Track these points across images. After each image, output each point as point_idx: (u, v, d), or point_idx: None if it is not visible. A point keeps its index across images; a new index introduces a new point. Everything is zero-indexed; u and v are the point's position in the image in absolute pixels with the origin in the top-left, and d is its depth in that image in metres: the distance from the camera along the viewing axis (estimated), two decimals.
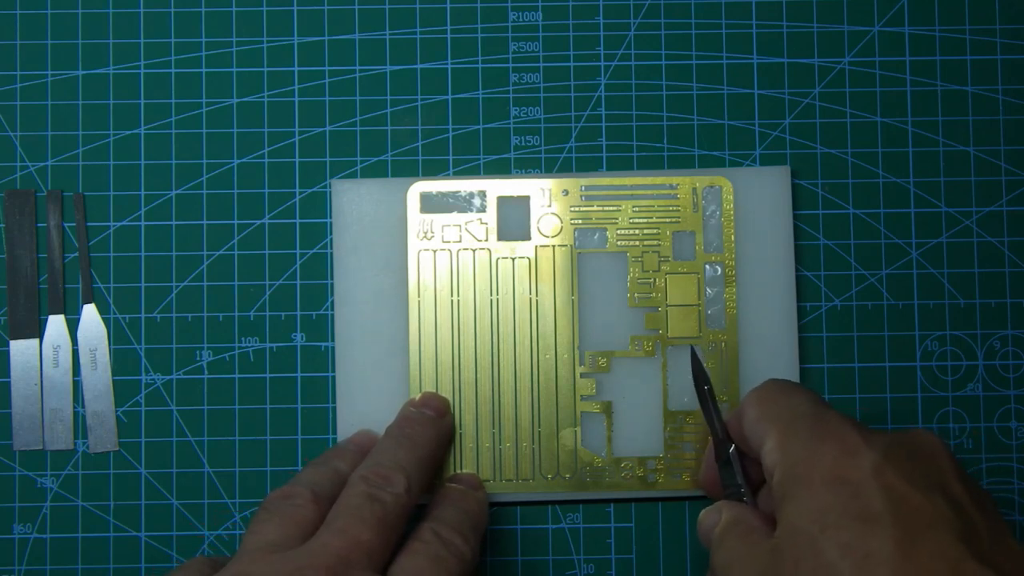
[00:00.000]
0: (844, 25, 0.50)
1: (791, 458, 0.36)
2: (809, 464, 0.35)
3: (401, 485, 0.40)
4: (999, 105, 0.50)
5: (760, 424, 0.39)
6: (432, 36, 0.50)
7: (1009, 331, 0.49)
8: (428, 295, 0.48)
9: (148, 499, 0.48)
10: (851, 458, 0.34)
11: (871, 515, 0.32)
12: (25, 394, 0.48)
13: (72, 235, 0.49)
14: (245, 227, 0.49)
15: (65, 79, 0.49)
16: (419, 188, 0.48)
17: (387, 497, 0.39)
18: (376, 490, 0.39)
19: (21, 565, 0.48)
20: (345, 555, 0.36)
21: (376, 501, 0.39)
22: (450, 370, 0.47)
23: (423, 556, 0.39)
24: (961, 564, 0.31)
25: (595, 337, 0.48)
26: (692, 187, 0.48)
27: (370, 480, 0.40)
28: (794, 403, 0.39)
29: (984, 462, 0.49)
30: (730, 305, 0.48)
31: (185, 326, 0.49)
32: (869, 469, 0.34)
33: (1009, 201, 0.50)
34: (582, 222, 0.48)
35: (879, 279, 0.49)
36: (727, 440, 0.43)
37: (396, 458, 0.42)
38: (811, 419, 0.37)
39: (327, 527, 0.37)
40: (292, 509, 0.39)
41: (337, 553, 0.36)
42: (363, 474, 0.40)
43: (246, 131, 0.49)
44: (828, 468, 0.34)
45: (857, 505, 0.33)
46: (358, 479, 0.40)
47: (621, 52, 0.50)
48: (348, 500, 0.39)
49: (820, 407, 0.38)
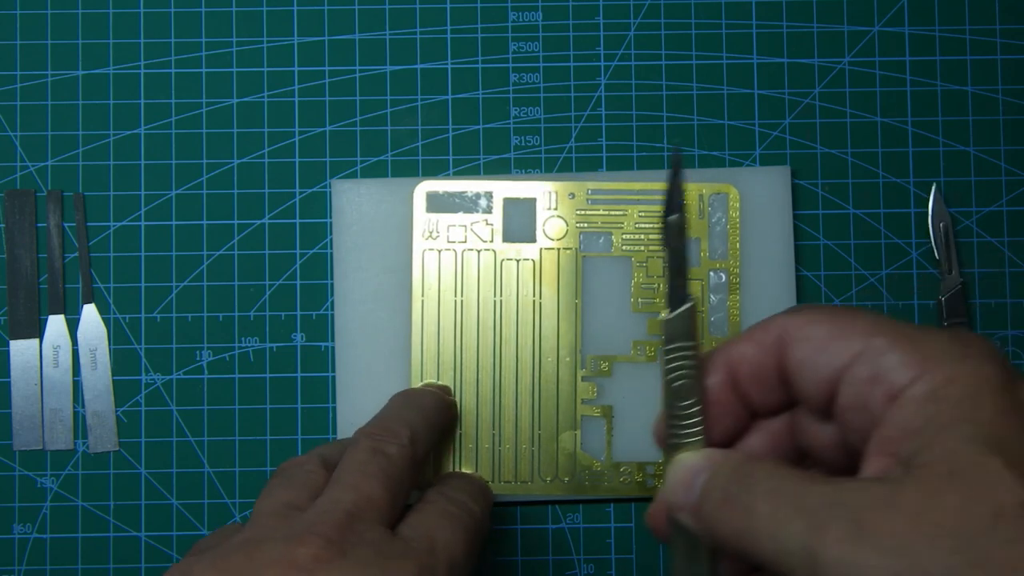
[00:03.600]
0: (844, 25, 0.50)
1: (942, 373, 0.28)
2: (973, 383, 0.28)
3: (405, 437, 0.39)
4: (999, 105, 0.50)
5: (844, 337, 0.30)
6: (432, 36, 0.50)
7: (1009, 331, 0.49)
8: (432, 295, 0.48)
9: (148, 499, 0.48)
10: (1019, 386, 0.28)
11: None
12: (25, 394, 0.48)
13: (72, 235, 0.49)
14: (245, 227, 0.49)
15: (65, 79, 0.49)
16: (425, 188, 0.48)
17: (392, 450, 0.38)
18: (380, 443, 0.38)
19: (21, 565, 0.48)
20: (354, 509, 0.35)
21: (380, 454, 0.38)
22: (451, 370, 0.47)
23: (432, 513, 0.38)
24: None
25: (597, 341, 0.48)
26: (699, 194, 0.48)
27: (374, 435, 0.39)
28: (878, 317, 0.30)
29: None
30: (733, 312, 0.48)
31: (185, 326, 0.49)
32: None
33: (1009, 201, 0.50)
34: (587, 225, 0.48)
35: (879, 279, 0.49)
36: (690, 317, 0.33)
37: (400, 415, 0.41)
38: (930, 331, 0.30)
39: (334, 483, 0.37)
40: (303, 473, 0.38)
41: (346, 508, 0.35)
42: (366, 431, 0.40)
43: (246, 131, 0.49)
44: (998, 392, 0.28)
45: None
46: (361, 436, 0.39)
47: (621, 52, 0.50)
48: (353, 456, 0.38)
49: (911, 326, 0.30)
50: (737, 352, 0.32)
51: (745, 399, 0.33)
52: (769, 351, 0.32)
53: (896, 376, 0.29)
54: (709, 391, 0.33)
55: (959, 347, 0.29)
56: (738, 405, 0.33)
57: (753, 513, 0.28)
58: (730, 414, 0.33)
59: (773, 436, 0.33)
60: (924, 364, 0.28)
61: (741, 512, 0.29)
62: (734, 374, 0.33)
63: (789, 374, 0.32)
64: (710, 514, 0.30)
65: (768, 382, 0.32)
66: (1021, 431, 0.27)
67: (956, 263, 0.49)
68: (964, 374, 0.28)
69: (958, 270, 0.49)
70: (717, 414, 0.33)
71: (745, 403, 0.33)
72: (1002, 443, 0.27)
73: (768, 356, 0.32)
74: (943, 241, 0.49)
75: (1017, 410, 0.28)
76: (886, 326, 0.30)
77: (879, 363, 0.29)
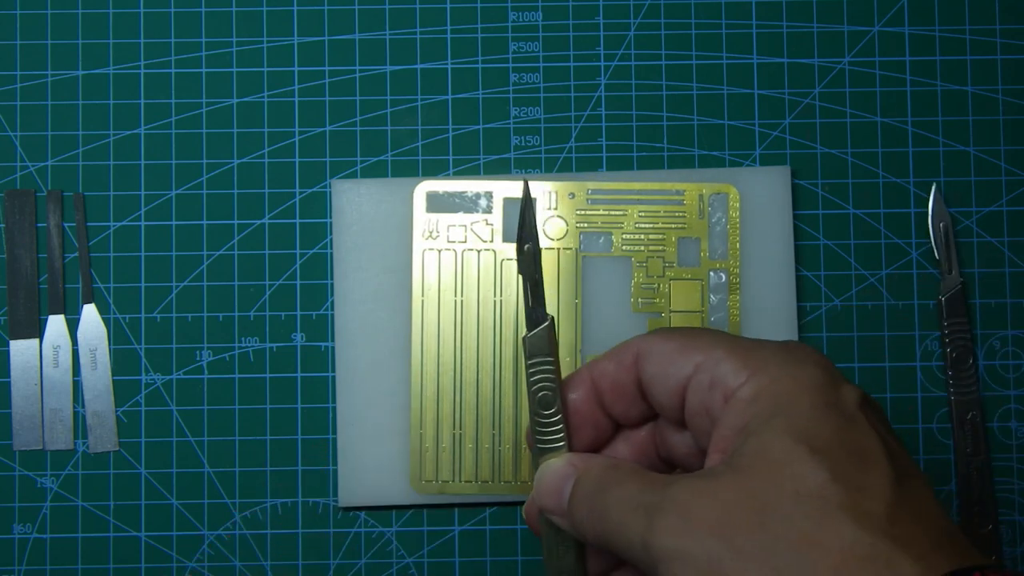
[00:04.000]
0: (844, 25, 0.50)
1: (766, 376, 0.32)
2: (792, 384, 0.31)
3: None
4: (999, 105, 0.50)
5: (689, 351, 0.34)
6: (432, 36, 0.50)
7: (1009, 331, 0.49)
8: (432, 295, 0.48)
9: (148, 499, 0.48)
10: (837, 387, 0.32)
11: (865, 450, 0.30)
12: (25, 394, 0.48)
13: (72, 235, 0.49)
14: (245, 227, 0.49)
15: (65, 79, 0.49)
16: (425, 187, 0.48)
17: None
18: None
19: (21, 565, 0.48)
20: None
21: None
22: (451, 370, 0.47)
23: None
24: (940, 516, 0.30)
25: (597, 341, 0.48)
26: (699, 194, 0.48)
27: None
28: (719, 334, 0.34)
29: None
30: (733, 312, 0.48)
31: (185, 326, 0.49)
32: (855, 403, 0.32)
33: (1009, 201, 0.50)
34: (588, 226, 0.48)
35: (879, 279, 0.49)
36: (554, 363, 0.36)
37: None
38: (762, 343, 0.34)
39: None
40: None
41: None
42: None
43: (246, 131, 0.49)
44: (816, 392, 0.31)
45: (850, 437, 0.31)
46: None
47: (621, 52, 0.50)
48: None
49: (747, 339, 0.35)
50: (599, 369, 0.36)
51: (608, 411, 0.36)
52: (628, 368, 0.35)
53: (730, 381, 0.32)
54: (572, 403, 0.36)
55: (784, 354, 0.33)
56: (601, 416, 0.36)
57: (607, 517, 0.32)
58: (592, 424, 0.36)
59: (637, 445, 0.37)
60: (753, 369, 0.32)
61: (599, 516, 0.32)
62: (597, 389, 0.36)
63: (644, 386, 0.35)
64: (578, 520, 0.34)
65: (628, 395, 0.35)
66: (828, 423, 0.30)
67: (956, 263, 0.49)
68: (784, 376, 0.32)
69: (958, 270, 0.49)
70: (579, 423, 0.36)
71: (608, 415, 0.36)
72: (810, 434, 0.30)
73: (626, 372, 0.35)
74: (943, 241, 0.49)
75: (830, 406, 0.31)
76: (725, 340, 0.34)
77: (716, 371, 0.33)
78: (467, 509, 0.48)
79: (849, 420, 0.31)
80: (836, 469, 0.29)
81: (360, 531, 0.48)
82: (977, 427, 0.48)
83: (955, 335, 0.49)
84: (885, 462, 0.30)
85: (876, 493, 0.29)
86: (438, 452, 0.47)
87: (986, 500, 0.48)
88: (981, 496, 0.48)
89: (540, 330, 0.36)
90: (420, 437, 0.47)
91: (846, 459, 0.30)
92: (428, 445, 0.47)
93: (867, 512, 0.29)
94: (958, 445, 0.48)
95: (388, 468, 0.48)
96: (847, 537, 0.28)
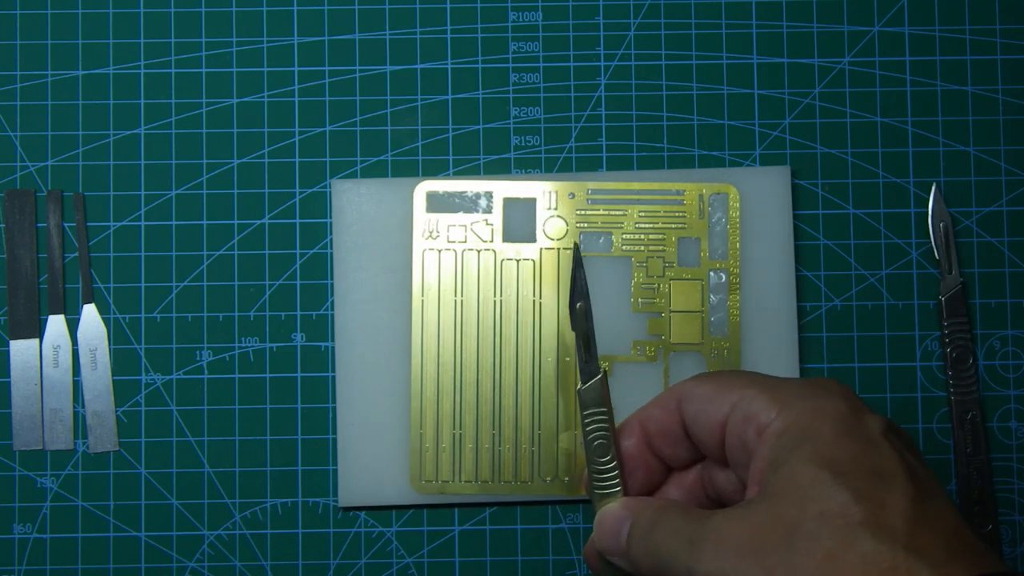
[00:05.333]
0: (844, 25, 0.50)
1: (794, 410, 0.35)
2: (818, 415, 0.34)
3: None
4: (999, 105, 0.50)
5: (725, 391, 0.37)
6: (432, 36, 0.50)
7: (1009, 331, 0.49)
8: (432, 295, 0.48)
9: (148, 499, 0.48)
10: (860, 416, 0.34)
11: (886, 471, 0.33)
12: (25, 394, 0.48)
13: (72, 235, 0.49)
14: (245, 227, 0.49)
15: (65, 79, 0.49)
16: (425, 187, 0.48)
17: None
18: None
19: (21, 565, 0.48)
20: None
21: None
22: (451, 370, 0.47)
23: None
24: (961, 529, 0.32)
25: (597, 341, 0.48)
26: (699, 194, 0.48)
27: None
28: (752, 375, 0.37)
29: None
30: (733, 312, 0.48)
31: (185, 326, 0.49)
32: (878, 430, 0.34)
33: (1009, 201, 0.50)
34: (587, 225, 0.48)
35: (879, 279, 0.49)
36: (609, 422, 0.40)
37: None
38: (792, 380, 0.37)
39: None
40: None
41: None
42: None
43: (246, 131, 0.49)
44: (839, 421, 0.34)
45: (872, 460, 0.33)
46: None
47: (621, 52, 0.50)
48: None
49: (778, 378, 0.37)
50: (646, 415, 0.39)
51: (658, 454, 0.39)
52: (672, 412, 0.38)
53: (762, 416, 0.35)
54: (625, 449, 0.39)
55: (810, 389, 0.35)
56: (653, 460, 0.39)
57: (660, 551, 0.35)
58: (644, 468, 0.39)
59: (687, 487, 0.40)
60: (782, 404, 0.35)
61: (653, 552, 0.35)
62: (647, 434, 0.39)
63: (688, 427, 0.38)
64: (634, 558, 0.36)
65: (675, 438, 0.38)
66: (851, 449, 0.33)
67: (956, 263, 0.49)
68: (810, 409, 0.34)
69: (958, 270, 0.49)
70: (633, 468, 0.39)
71: (659, 458, 0.39)
72: (834, 460, 0.32)
73: (671, 416, 0.38)
74: (943, 241, 0.49)
75: (852, 433, 0.33)
76: (757, 379, 0.36)
77: (750, 408, 0.35)
78: (467, 509, 0.48)
79: (871, 445, 0.33)
80: (857, 489, 0.32)
81: (360, 531, 0.48)
82: (977, 427, 0.48)
83: (955, 335, 0.49)
84: (905, 481, 0.32)
85: (896, 509, 0.31)
86: (438, 452, 0.47)
87: (986, 500, 0.48)
88: (981, 496, 0.48)
89: (594, 382, 0.40)
90: (420, 437, 0.47)
91: (866, 480, 0.32)
92: (428, 445, 0.47)
93: (887, 527, 0.31)
94: (958, 445, 0.48)
95: (388, 468, 0.48)
96: (868, 551, 0.31)
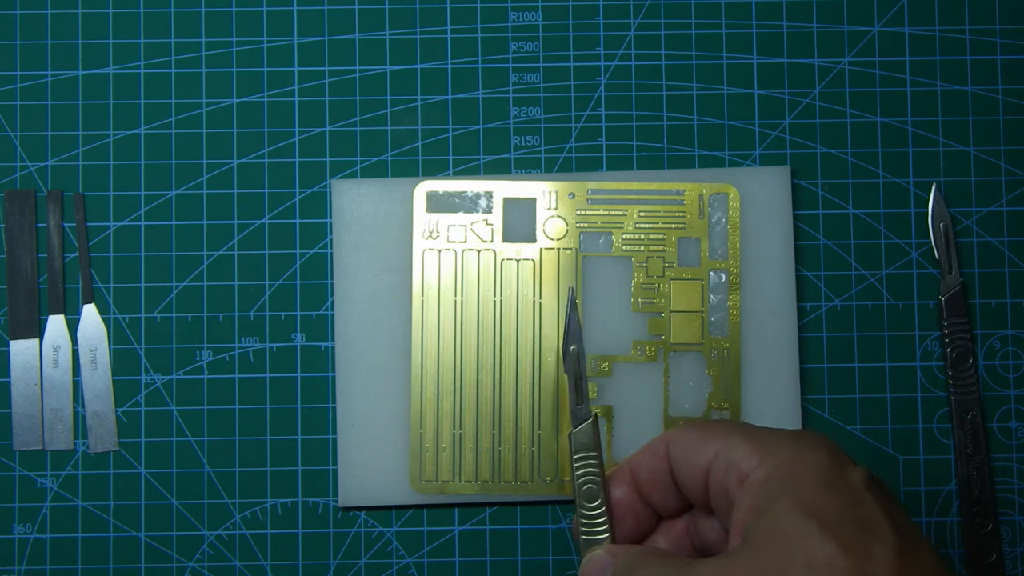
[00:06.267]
0: (844, 25, 0.50)
1: (777, 459, 0.35)
2: (801, 465, 0.35)
3: None
4: (999, 105, 0.50)
5: (710, 439, 0.37)
6: (432, 36, 0.50)
7: (1009, 331, 0.49)
8: (432, 295, 0.48)
9: (148, 499, 0.48)
10: (843, 467, 0.35)
11: (872, 523, 0.33)
12: (25, 394, 0.48)
13: (72, 235, 0.49)
14: (245, 227, 0.49)
15: (65, 79, 0.49)
16: (425, 187, 0.48)
17: None
18: None
19: (21, 565, 0.48)
20: None
21: None
22: (451, 370, 0.47)
23: None
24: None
25: (597, 341, 0.48)
26: (699, 194, 0.48)
27: None
28: (738, 424, 0.38)
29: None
30: (733, 312, 0.48)
31: (185, 326, 0.49)
32: (861, 481, 0.34)
33: (1009, 201, 0.50)
34: (588, 225, 0.48)
35: (879, 279, 0.49)
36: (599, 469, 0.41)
37: None
38: (775, 431, 0.37)
39: None
40: None
41: None
42: None
43: (246, 131, 0.49)
44: (823, 472, 0.34)
45: (857, 512, 0.33)
46: None
47: (621, 52, 0.50)
48: None
49: (761, 428, 0.38)
50: (636, 461, 0.40)
51: (648, 501, 0.40)
52: (661, 458, 0.39)
53: (744, 464, 0.35)
54: (615, 497, 0.40)
55: (793, 439, 0.36)
56: (642, 508, 0.40)
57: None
58: (633, 515, 0.40)
59: (674, 536, 0.40)
60: (764, 453, 0.35)
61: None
62: (636, 480, 0.40)
63: (675, 474, 0.39)
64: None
65: (663, 484, 0.39)
66: (836, 500, 0.33)
67: (956, 263, 0.49)
68: (793, 459, 0.35)
69: (958, 270, 0.49)
70: (622, 515, 0.40)
71: (649, 505, 0.40)
72: (819, 511, 0.33)
73: (660, 462, 0.39)
74: (943, 241, 0.49)
75: (836, 484, 0.34)
76: (741, 429, 0.37)
77: (733, 456, 0.36)
78: (467, 509, 0.48)
79: (855, 496, 0.34)
80: (844, 541, 0.32)
81: (360, 531, 0.48)
82: (977, 427, 0.48)
83: (955, 335, 0.49)
84: (891, 534, 0.33)
85: (882, 562, 0.32)
86: (438, 452, 0.47)
87: (986, 500, 0.48)
88: (981, 496, 0.48)
89: (585, 426, 0.41)
90: (420, 437, 0.47)
91: (853, 531, 0.32)
92: (428, 445, 0.47)
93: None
94: (958, 445, 0.48)
95: (388, 468, 0.48)
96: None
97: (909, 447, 0.49)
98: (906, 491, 0.49)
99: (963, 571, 0.48)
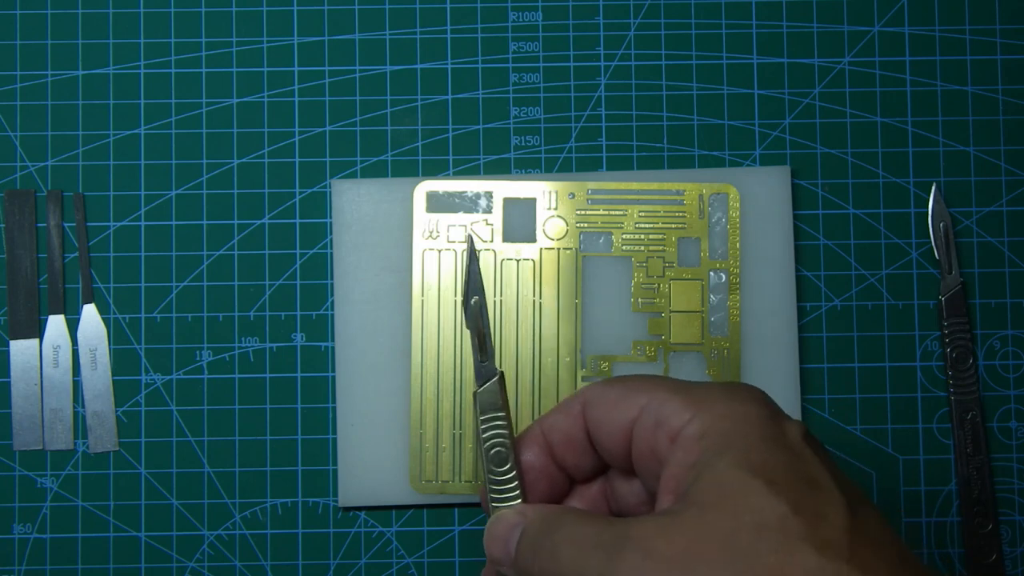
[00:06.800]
0: (844, 25, 0.50)
1: (711, 413, 0.32)
2: (739, 420, 0.32)
3: None
4: (999, 105, 0.50)
5: (632, 395, 0.34)
6: (432, 36, 0.50)
7: (1009, 331, 0.49)
8: (432, 295, 0.48)
9: (148, 499, 0.48)
10: (780, 422, 0.33)
11: (818, 480, 0.31)
12: (25, 394, 0.48)
13: (72, 235, 0.49)
14: (245, 227, 0.49)
15: (65, 79, 0.49)
16: (425, 187, 0.48)
17: None
18: None
19: (21, 565, 0.48)
20: None
21: None
22: (451, 370, 0.47)
23: None
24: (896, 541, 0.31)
25: (597, 341, 0.48)
26: (699, 194, 0.48)
27: None
28: (660, 378, 0.35)
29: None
30: (733, 312, 0.48)
31: (185, 326, 0.49)
32: (799, 436, 0.32)
33: (1009, 201, 0.50)
34: (588, 225, 0.48)
35: (879, 279, 0.49)
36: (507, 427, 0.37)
37: None
38: (704, 384, 0.34)
39: None
40: None
41: None
42: None
43: (246, 131, 0.49)
44: (762, 426, 0.32)
45: (802, 468, 0.31)
46: None
47: (621, 52, 0.50)
48: None
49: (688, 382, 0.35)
50: (549, 423, 0.37)
51: (561, 465, 0.37)
52: (576, 417, 0.36)
53: (674, 420, 0.33)
54: (526, 460, 0.37)
55: (726, 392, 0.33)
56: (555, 470, 0.37)
57: (558, 557, 0.32)
58: (546, 479, 0.37)
59: (589, 500, 0.38)
60: (697, 408, 0.33)
61: (548, 558, 0.32)
62: (549, 442, 0.37)
63: (592, 434, 0.36)
64: (524, 567, 0.33)
65: (578, 446, 0.36)
66: (779, 457, 0.31)
67: (956, 263, 0.49)
68: (730, 413, 0.32)
69: (958, 270, 0.49)
70: (534, 479, 0.37)
71: (561, 468, 0.37)
72: (763, 467, 0.31)
73: (575, 422, 0.36)
74: (943, 241, 0.49)
75: (777, 440, 0.32)
76: (667, 383, 0.34)
77: (661, 411, 0.33)
78: (467, 509, 0.48)
79: (797, 453, 0.32)
80: (793, 500, 0.30)
81: (360, 531, 0.48)
82: (977, 427, 0.48)
83: (955, 335, 0.49)
84: (837, 491, 0.31)
85: (834, 522, 0.30)
86: (438, 452, 0.47)
87: (986, 500, 0.48)
88: (981, 496, 0.48)
89: (491, 384, 0.37)
90: (420, 437, 0.47)
91: (802, 490, 0.30)
92: (428, 445, 0.47)
93: (827, 541, 0.29)
94: (958, 445, 0.48)
95: (388, 468, 0.48)
96: (811, 567, 0.29)
97: (909, 447, 0.49)
98: (906, 491, 0.49)
99: (963, 571, 0.48)
